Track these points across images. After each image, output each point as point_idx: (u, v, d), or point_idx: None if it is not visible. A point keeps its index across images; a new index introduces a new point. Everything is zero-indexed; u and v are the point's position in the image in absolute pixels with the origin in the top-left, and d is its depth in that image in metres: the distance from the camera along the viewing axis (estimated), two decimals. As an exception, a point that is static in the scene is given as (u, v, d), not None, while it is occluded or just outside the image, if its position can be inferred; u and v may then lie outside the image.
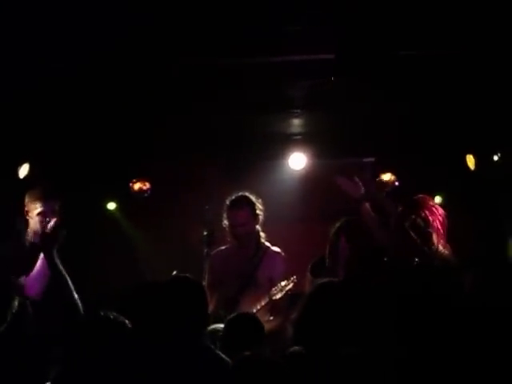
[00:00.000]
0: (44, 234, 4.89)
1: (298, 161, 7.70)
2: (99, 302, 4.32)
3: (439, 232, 5.10)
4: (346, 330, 4.03)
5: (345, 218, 5.77)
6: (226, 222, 6.16)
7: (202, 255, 6.20)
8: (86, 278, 5.83)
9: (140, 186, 7.99)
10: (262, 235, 6.19)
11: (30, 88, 6.14)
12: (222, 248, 6.30)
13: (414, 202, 5.22)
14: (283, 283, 5.91)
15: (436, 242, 5.07)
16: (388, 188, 7.68)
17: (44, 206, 5.63)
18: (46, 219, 5.51)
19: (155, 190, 8.03)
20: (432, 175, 7.48)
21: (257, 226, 6.16)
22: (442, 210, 5.20)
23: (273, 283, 5.95)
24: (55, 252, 4.59)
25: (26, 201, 5.70)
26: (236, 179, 7.58)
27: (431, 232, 5.07)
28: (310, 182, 7.98)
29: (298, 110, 7.25)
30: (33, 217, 5.66)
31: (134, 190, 7.99)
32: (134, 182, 7.99)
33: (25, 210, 5.67)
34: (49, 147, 6.97)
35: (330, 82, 6.26)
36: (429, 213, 5.12)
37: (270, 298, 5.89)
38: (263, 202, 6.21)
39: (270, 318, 5.88)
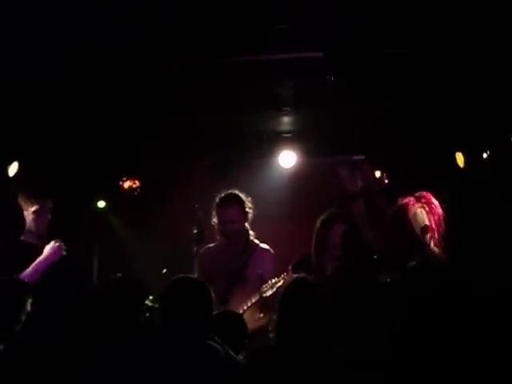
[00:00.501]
0: None
1: (287, 159, 7.67)
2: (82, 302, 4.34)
3: (433, 230, 5.13)
4: (327, 326, 4.03)
5: (330, 210, 5.79)
6: (215, 220, 6.18)
7: (191, 253, 6.22)
8: (76, 276, 5.87)
9: (130, 184, 7.98)
10: (251, 233, 6.22)
11: (20, 86, 6.14)
12: (210, 245, 6.32)
13: (419, 194, 5.25)
14: (274, 280, 5.91)
15: (429, 239, 5.09)
16: (378, 186, 7.69)
17: (39, 205, 5.65)
18: (41, 218, 5.54)
19: (145, 188, 8.02)
20: (421, 173, 7.49)
21: (246, 224, 6.18)
22: (441, 210, 5.23)
23: (263, 280, 5.95)
24: None
25: (20, 199, 5.70)
26: (226, 177, 7.58)
27: (427, 227, 5.10)
28: (300, 179, 7.97)
29: (288, 108, 7.22)
30: (28, 215, 5.67)
31: (123, 189, 7.98)
32: (123, 181, 7.98)
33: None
34: (38, 146, 6.96)
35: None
36: (429, 209, 5.15)
37: (261, 296, 5.90)
38: (253, 200, 6.24)
39: (260, 315, 5.88)
